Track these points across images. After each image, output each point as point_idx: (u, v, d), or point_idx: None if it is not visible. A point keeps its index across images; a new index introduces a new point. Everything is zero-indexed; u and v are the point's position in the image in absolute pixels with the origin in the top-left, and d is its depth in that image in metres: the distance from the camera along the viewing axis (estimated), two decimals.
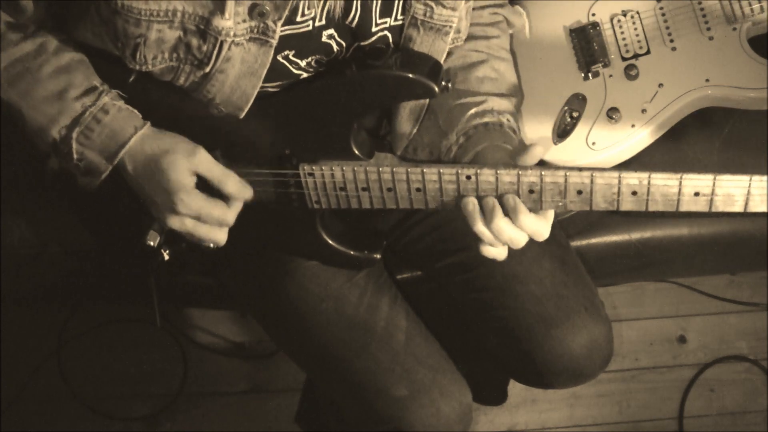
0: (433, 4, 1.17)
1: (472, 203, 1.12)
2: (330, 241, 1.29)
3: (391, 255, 1.45)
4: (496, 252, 1.14)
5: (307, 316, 1.33)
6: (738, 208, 1.08)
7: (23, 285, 1.70)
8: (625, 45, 1.50)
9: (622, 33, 1.50)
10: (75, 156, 1.15)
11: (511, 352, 1.39)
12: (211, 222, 1.19)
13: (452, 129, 1.24)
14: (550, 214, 1.13)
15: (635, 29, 1.50)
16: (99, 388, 2.06)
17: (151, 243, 1.23)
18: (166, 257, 1.27)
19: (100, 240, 1.40)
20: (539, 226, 1.12)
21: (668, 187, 1.08)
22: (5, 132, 1.19)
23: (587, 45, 1.50)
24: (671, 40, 1.49)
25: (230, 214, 1.19)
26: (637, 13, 1.50)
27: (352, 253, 1.31)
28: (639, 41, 1.49)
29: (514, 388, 1.77)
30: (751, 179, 1.06)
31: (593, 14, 1.52)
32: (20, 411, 2.03)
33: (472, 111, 1.23)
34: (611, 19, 1.51)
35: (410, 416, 1.30)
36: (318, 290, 1.33)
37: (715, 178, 1.06)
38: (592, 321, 1.34)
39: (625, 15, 1.51)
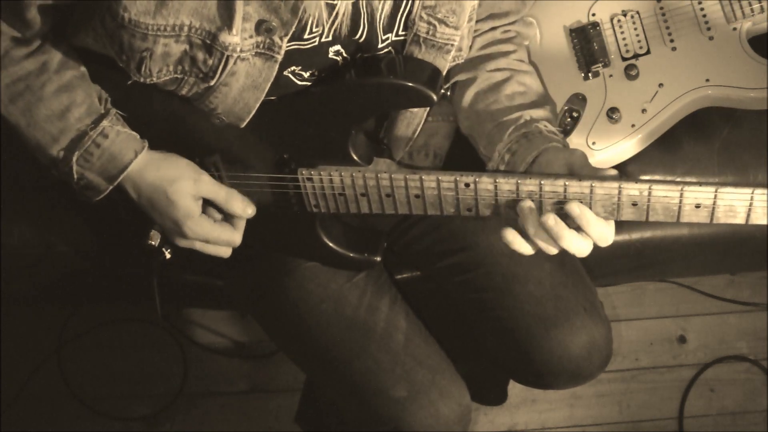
0: (436, 23, 1.17)
1: (528, 207, 1.09)
2: (330, 244, 1.29)
3: (390, 255, 1.45)
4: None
5: (307, 317, 1.34)
6: (740, 220, 1.06)
7: (23, 285, 1.69)
8: (625, 45, 1.50)
9: (622, 33, 1.50)
10: (75, 176, 1.17)
11: (510, 353, 1.39)
12: (220, 244, 1.23)
13: (494, 150, 1.24)
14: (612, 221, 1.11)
15: (635, 29, 1.50)
16: (99, 388, 2.06)
17: (153, 242, 1.25)
18: (168, 256, 1.28)
19: (103, 239, 1.40)
20: (607, 232, 1.10)
21: (669, 198, 1.06)
22: (6, 132, 1.19)
23: (587, 45, 1.50)
24: (671, 40, 1.49)
25: (237, 235, 1.24)
26: (637, 13, 1.50)
27: (351, 255, 1.31)
28: (639, 41, 1.49)
29: (514, 388, 1.77)
30: (753, 192, 1.03)
31: (593, 14, 1.52)
32: (20, 411, 2.03)
33: (511, 127, 1.23)
34: (611, 19, 1.51)
35: (409, 417, 1.30)
36: (318, 291, 1.33)
37: (716, 191, 1.04)
38: (592, 322, 1.34)
39: (625, 15, 1.51)
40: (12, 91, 1.14)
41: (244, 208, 1.22)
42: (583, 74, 1.51)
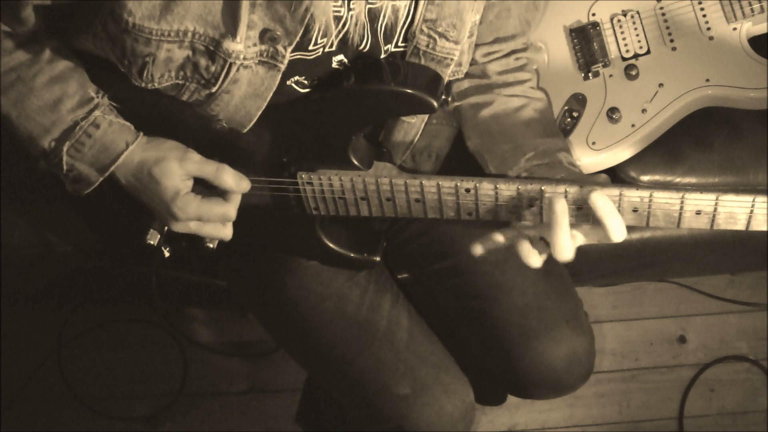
0: (436, 37, 1.17)
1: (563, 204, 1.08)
2: (329, 244, 1.29)
3: (387, 255, 1.44)
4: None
5: (309, 316, 1.33)
6: (740, 226, 1.06)
7: (23, 285, 1.70)
8: (625, 45, 1.50)
9: (622, 33, 1.50)
10: (65, 167, 1.15)
11: (493, 362, 1.39)
12: (213, 220, 1.19)
13: (508, 169, 1.25)
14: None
15: (635, 29, 1.50)
16: (99, 388, 2.06)
17: (152, 242, 1.24)
18: (167, 255, 1.27)
19: (102, 239, 1.40)
20: (622, 228, 1.09)
21: (670, 205, 1.07)
22: (5, 132, 1.19)
23: (587, 45, 1.50)
24: (671, 40, 1.49)
25: (231, 208, 1.19)
26: (637, 12, 1.50)
27: (352, 255, 1.31)
28: (639, 41, 1.49)
29: None
30: (754, 199, 1.04)
31: (593, 14, 1.52)
32: (20, 411, 2.03)
33: (530, 154, 1.24)
34: (611, 19, 1.51)
35: (413, 414, 1.30)
36: (319, 289, 1.33)
37: (717, 198, 1.04)
38: (573, 334, 1.34)
39: (625, 15, 1.51)
40: (3, 82, 1.12)
41: (237, 182, 1.17)
42: (583, 74, 1.51)
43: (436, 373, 1.33)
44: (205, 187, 1.20)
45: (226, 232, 1.22)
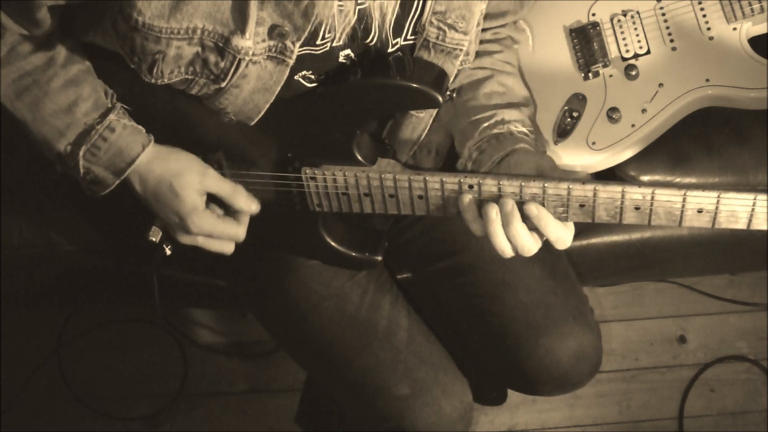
0: (446, 28, 1.17)
1: (495, 211, 1.11)
2: (332, 243, 1.30)
3: (387, 255, 1.44)
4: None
5: (309, 315, 1.34)
6: (741, 225, 1.07)
7: (23, 285, 1.70)
8: (625, 45, 1.50)
9: (622, 33, 1.50)
10: (82, 171, 1.17)
11: (499, 359, 1.39)
12: (223, 238, 1.23)
13: (464, 145, 1.25)
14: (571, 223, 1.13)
15: (635, 29, 1.50)
16: (99, 388, 2.06)
17: (153, 239, 1.25)
18: (168, 252, 1.28)
19: (103, 237, 1.40)
20: (564, 234, 1.11)
21: (671, 203, 1.07)
22: (6, 132, 1.19)
23: (587, 45, 1.50)
24: (671, 40, 1.49)
25: (241, 230, 1.24)
26: (637, 13, 1.50)
27: (353, 254, 1.31)
28: (639, 41, 1.50)
29: None
30: (755, 198, 1.04)
31: (593, 14, 1.52)
32: (20, 411, 2.03)
33: (483, 125, 1.24)
34: (611, 19, 1.51)
35: (412, 415, 1.30)
36: (320, 289, 1.34)
37: (719, 196, 1.05)
38: (580, 329, 1.34)
39: (625, 15, 1.51)
40: (19, 86, 1.13)
41: (249, 204, 1.22)
42: (583, 74, 1.51)
43: (435, 373, 1.33)
44: (211, 201, 1.21)
45: (230, 249, 1.25)
